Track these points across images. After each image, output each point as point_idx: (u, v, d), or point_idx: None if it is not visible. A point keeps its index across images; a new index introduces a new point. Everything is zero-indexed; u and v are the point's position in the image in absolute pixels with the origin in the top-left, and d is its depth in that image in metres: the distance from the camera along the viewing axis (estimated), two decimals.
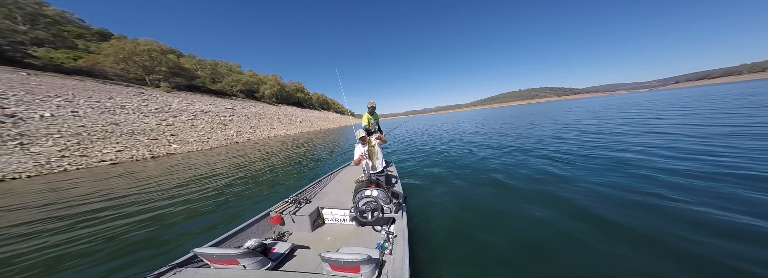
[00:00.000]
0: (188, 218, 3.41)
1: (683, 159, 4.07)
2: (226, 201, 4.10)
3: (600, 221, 2.42)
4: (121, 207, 4.12)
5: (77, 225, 3.33)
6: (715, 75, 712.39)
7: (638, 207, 2.62)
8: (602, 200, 2.89)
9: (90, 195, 4.99)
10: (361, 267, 1.33)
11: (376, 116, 4.40)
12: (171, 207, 3.89)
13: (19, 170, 7.98)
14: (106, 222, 3.40)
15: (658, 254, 1.86)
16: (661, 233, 2.10)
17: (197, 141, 16.15)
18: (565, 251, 2.01)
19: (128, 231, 3.04)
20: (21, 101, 12.69)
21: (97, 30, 35.62)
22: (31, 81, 16.46)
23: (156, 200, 4.38)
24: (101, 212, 3.89)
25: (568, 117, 15.58)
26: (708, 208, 2.43)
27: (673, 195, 2.80)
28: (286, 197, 2.59)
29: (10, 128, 10.12)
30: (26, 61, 21.63)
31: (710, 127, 6.50)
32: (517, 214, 2.75)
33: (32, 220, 3.69)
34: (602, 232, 2.22)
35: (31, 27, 26.52)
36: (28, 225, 3.47)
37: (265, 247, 1.75)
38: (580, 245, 2.07)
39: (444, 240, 2.33)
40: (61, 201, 4.71)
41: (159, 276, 1.34)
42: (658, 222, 2.28)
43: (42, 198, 5.06)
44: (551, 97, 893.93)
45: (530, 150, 6.27)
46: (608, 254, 1.92)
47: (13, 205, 4.65)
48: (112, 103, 17.54)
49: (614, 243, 2.04)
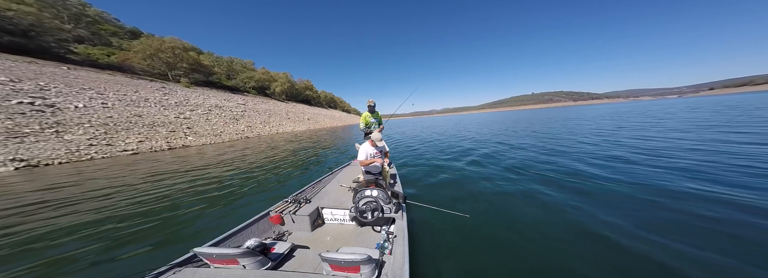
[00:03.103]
0: (198, 215, 3.39)
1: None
2: (230, 197, 4.14)
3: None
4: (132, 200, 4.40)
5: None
6: (759, 81, 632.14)
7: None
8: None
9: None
10: (361, 267, 1.33)
11: (377, 115, 3.98)
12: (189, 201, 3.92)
13: (52, 156, 8.87)
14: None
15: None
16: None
17: (211, 134, 17.08)
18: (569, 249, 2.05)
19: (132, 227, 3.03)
20: (60, 93, 14.06)
21: (129, 29, 38.52)
22: (70, 74, 18.15)
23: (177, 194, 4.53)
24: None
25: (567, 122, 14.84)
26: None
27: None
28: (286, 197, 2.61)
29: (49, 117, 11.26)
30: (68, 56, 23.87)
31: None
32: (520, 213, 2.82)
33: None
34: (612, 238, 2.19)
35: (75, 26, 29.23)
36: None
37: (265, 247, 1.75)
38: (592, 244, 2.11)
39: (444, 239, 2.35)
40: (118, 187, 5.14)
41: (158, 275, 1.35)
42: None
43: (106, 184, 5.50)
44: (567, 102, 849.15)
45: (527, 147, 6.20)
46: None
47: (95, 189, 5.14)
48: (137, 96, 18.95)
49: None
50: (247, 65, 57.06)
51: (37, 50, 21.75)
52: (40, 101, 12.14)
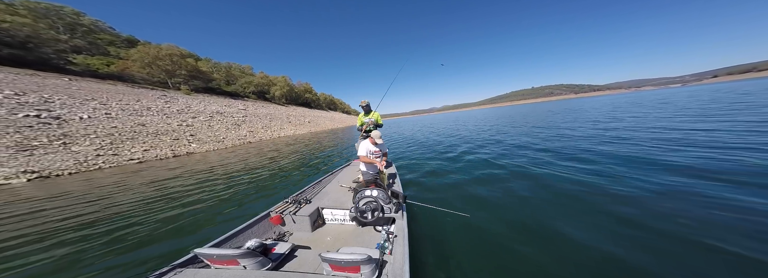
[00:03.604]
0: (207, 217, 3.48)
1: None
2: (234, 198, 4.33)
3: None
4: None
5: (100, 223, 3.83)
6: (763, 67, 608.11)
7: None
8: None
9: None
10: (361, 267, 1.34)
11: (373, 115, 3.83)
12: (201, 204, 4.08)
13: (62, 167, 9.09)
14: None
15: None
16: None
17: (214, 141, 17.25)
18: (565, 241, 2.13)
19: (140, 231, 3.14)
20: (64, 104, 14.25)
21: (125, 37, 38.68)
22: (72, 86, 18.35)
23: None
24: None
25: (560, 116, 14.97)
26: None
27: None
28: (286, 197, 2.63)
29: (56, 129, 11.46)
30: (68, 67, 24.07)
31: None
32: (525, 213, 2.84)
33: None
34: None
35: (71, 36, 29.38)
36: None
37: (266, 247, 1.76)
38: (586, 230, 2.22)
39: (445, 239, 2.36)
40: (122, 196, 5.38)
41: (160, 276, 1.36)
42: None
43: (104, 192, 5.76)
44: (568, 95, 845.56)
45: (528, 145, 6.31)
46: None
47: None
48: (139, 105, 19.14)
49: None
50: (245, 70, 57.18)
51: (37, 62, 21.93)
52: (45, 113, 12.34)
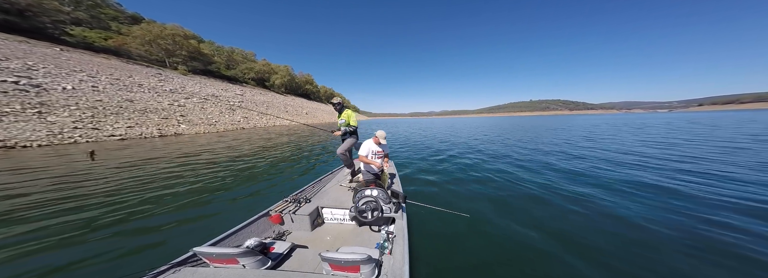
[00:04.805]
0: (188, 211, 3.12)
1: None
2: (224, 194, 3.78)
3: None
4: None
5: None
6: (746, 99, 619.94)
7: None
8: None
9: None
10: (361, 266, 1.34)
11: (346, 114, 3.23)
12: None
13: (31, 138, 8.43)
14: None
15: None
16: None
17: (205, 123, 16.63)
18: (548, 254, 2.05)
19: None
20: (49, 73, 13.54)
21: (130, 14, 37.67)
22: (62, 56, 17.57)
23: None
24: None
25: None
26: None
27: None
28: (285, 196, 2.58)
29: (33, 97, 10.78)
30: (62, 37, 23.20)
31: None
32: (519, 217, 2.81)
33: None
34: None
35: (75, 8, 28.44)
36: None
37: (265, 246, 1.75)
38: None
39: (444, 239, 2.36)
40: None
41: (158, 274, 1.34)
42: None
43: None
44: (563, 111, 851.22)
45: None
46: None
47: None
48: (130, 80, 18.42)
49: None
50: (248, 56, 56.32)
51: (31, 30, 21.08)
52: (25, 80, 11.64)
